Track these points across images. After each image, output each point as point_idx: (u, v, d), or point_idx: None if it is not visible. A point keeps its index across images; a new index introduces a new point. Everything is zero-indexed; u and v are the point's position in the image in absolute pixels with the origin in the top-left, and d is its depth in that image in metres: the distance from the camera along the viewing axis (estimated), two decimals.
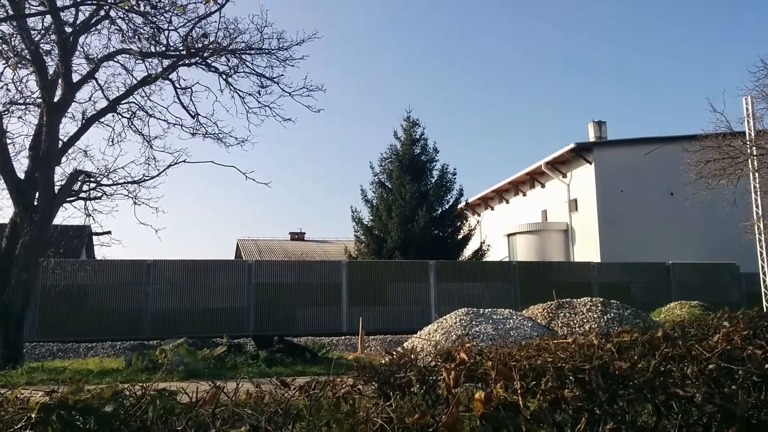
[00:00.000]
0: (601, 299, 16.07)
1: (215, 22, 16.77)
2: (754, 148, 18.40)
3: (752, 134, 18.69)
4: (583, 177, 30.32)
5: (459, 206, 29.40)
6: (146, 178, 15.06)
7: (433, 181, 28.97)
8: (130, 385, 2.58)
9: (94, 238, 17.03)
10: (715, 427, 2.96)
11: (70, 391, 2.32)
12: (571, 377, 3.00)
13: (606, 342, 3.35)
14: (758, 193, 18.87)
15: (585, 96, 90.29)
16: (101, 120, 14.69)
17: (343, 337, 18.18)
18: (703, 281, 24.46)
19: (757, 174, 18.62)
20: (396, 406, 2.80)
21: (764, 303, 18.71)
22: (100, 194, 14.90)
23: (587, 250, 29.25)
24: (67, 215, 39.47)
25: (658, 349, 3.21)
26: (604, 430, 2.82)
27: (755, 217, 19.08)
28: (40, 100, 13.58)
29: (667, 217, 28.02)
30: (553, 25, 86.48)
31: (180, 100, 14.96)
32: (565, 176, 31.72)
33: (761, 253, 19.10)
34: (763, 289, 19.10)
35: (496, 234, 34.42)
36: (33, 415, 2.21)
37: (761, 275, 19.27)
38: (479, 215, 40.29)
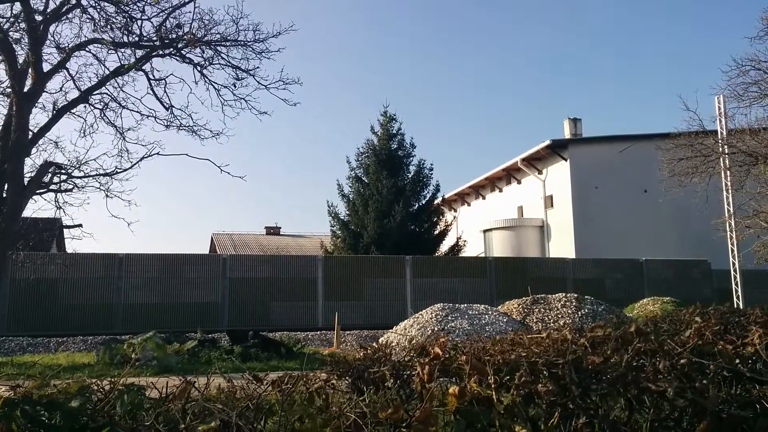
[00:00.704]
0: (576, 295, 16.25)
1: (189, 12, 16.52)
2: (725, 146, 18.72)
3: (724, 133, 19.02)
4: (559, 173, 30.59)
5: (435, 202, 29.46)
6: (119, 171, 14.83)
7: (409, 177, 28.98)
8: (97, 379, 2.53)
9: (65, 231, 16.70)
10: (686, 421, 2.98)
11: (35, 385, 2.26)
12: (544, 372, 3.01)
13: (580, 337, 3.37)
14: (729, 190, 19.21)
15: (561, 93, 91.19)
16: (72, 111, 14.41)
17: (318, 332, 18.12)
18: (675, 277, 24.85)
19: (728, 172, 18.95)
20: (369, 401, 2.78)
21: (735, 299, 19.07)
22: (71, 186, 14.63)
23: (562, 246, 29.54)
24: (37, 207, 38.69)
25: (631, 344, 3.24)
26: (577, 424, 2.83)
27: (726, 215, 19.43)
28: (10, 90, 13.28)
29: (640, 214, 28.42)
30: (530, 22, 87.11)
31: (154, 91, 14.75)
32: (540, 173, 31.97)
33: (732, 250, 19.46)
34: (733, 285, 19.47)
35: (473, 230, 34.58)
36: None
37: (732, 272, 19.64)
38: (456, 211, 40.43)
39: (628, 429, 2.93)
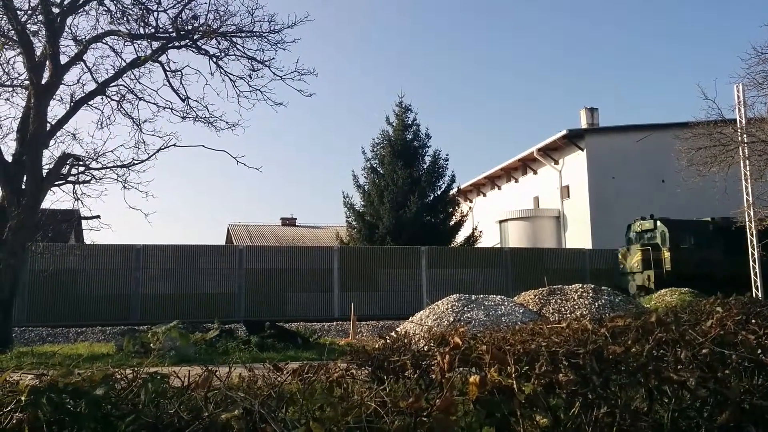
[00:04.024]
0: (593, 286, 16.15)
1: (205, 3, 16.54)
2: (744, 135, 18.46)
3: (743, 122, 18.74)
4: (575, 164, 30.37)
5: (451, 192, 29.41)
6: (136, 162, 14.90)
7: (425, 167, 28.94)
8: (121, 368, 2.56)
9: (83, 222, 16.87)
10: (708, 411, 2.96)
11: (60, 374, 2.29)
12: (564, 361, 2.99)
13: (600, 327, 3.35)
14: (749, 180, 18.95)
15: (577, 82, 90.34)
16: (90, 103, 14.50)
17: (334, 323, 18.19)
18: None
19: (747, 161, 18.69)
20: (390, 390, 2.79)
21: (754, 289, 18.88)
22: (88, 178, 14.73)
23: (579, 236, 29.37)
24: (56, 199, 39.10)
25: (652, 333, 3.21)
26: (597, 414, 2.82)
27: (746, 205, 19.18)
28: (28, 82, 13.39)
29: (658, 204, 28.07)
30: (547, 11, 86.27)
31: (170, 83, 14.80)
32: (557, 163, 31.76)
33: (751, 240, 19.23)
34: (752, 276, 19.26)
35: (488, 220, 34.49)
36: (23, 398, 2.18)
37: (751, 262, 19.42)
38: (471, 201, 40.32)
39: (649, 419, 2.91)
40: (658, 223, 22.93)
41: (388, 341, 3.81)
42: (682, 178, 19.73)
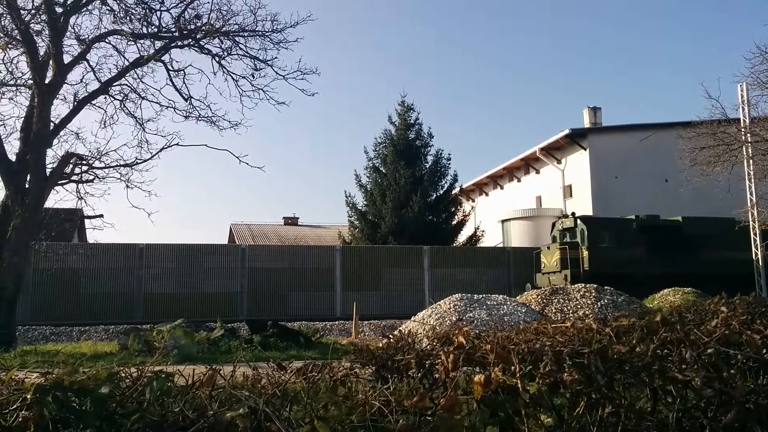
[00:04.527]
0: (595, 286, 16.15)
1: (208, 2, 16.58)
2: (748, 134, 18.45)
3: (747, 121, 18.74)
4: (578, 163, 30.33)
5: (453, 192, 29.40)
6: (139, 161, 14.93)
7: (427, 167, 28.93)
8: (126, 366, 2.56)
9: (87, 221, 16.89)
10: (713, 411, 2.95)
11: (65, 372, 2.29)
12: (569, 361, 2.99)
13: (604, 326, 3.34)
14: (752, 179, 18.94)
15: (580, 82, 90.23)
16: (93, 102, 14.53)
17: (336, 322, 18.20)
18: None
19: (751, 161, 18.68)
20: (394, 389, 2.79)
21: (758, 289, 18.86)
22: (92, 177, 14.76)
23: None
24: (59, 198, 39.09)
25: (657, 333, 3.20)
26: (602, 413, 2.82)
27: (749, 204, 19.17)
28: (31, 82, 13.42)
29: (661, 204, 28.03)
30: (550, 11, 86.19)
31: (173, 82, 14.82)
32: (559, 162, 31.72)
33: (755, 240, 19.21)
34: (756, 275, 19.24)
35: (491, 220, 34.45)
36: (28, 396, 2.18)
37: (755, 261, 19.40)
38: (474, 201, 40.29)
39: (654, 419, 2.91)
40: (578, 221, 22.33)
41: (391, 340, 3.81)
42: (685, 178, 19.71)
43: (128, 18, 13.84)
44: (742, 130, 18.59)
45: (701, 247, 22.23)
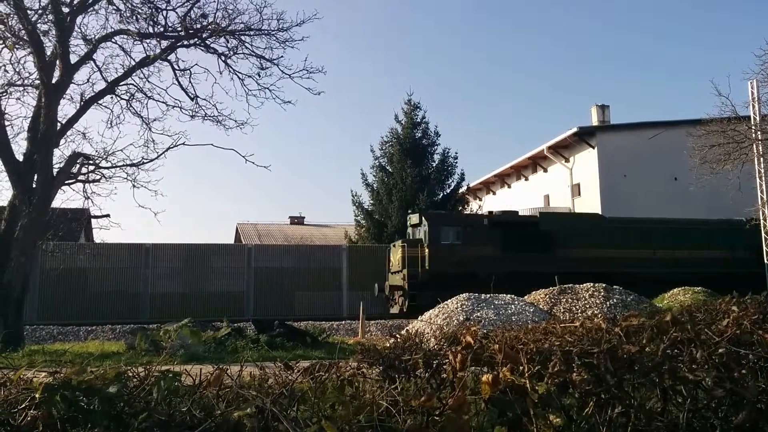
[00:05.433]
0: (604, 285, 16.05)
1: (214, 2, 16.60)
2: (759, 132, 18.33)
3: (757, 118, 18.60)
4: (586, 161, 30.23)
5: (460, 190, 29.37)
6: (145, 161, 14.97)
7: (434, 165, 28.91)
8: (133, 366, 2.56)
9: (93, 221, 16.97)
10: (723, 411, 2.93)
11: (73, 372, 2.29)
12: (578, 361, 2.97)
13: (614, 326, 3.31)
14: (763, 178, 18.82)
15: (588, 79, 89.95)
16: (100, 102, 14.58)
17: (343, 322, 18.21)
18: None
19: (762, 159, 18.56)
20: (402, 389, 2.78)
21: None
22: (98, 177, 14.82)
23: None
24: (66, 198, 39.28)
25: (667, 333, 3.17)
26: (611, 413, 2.80)
27: (760, 203, 19.04)
28: (38, 82, 13.47)
29: (671, 202, 27.88)
30: (558, 10, 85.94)
31: (179, 81, 14.84)
32: (567, 161, 31.63)
33: (765, 239, 19.09)
34: (767, 274, 19.11)
35: None
36: (37, 396, 2.19)
37: (766, 260, 19.28)
38: (481, 200, 40.20)
39: (664, 419, 2.88)
40: (423, 217, 21.07)
41: (399, 340, 3.80)
42: (695, 176, 19.59)
43: (134, 17, 13.89)
44: (753, 127, 18.47)
45: (560, 245, 21.04)
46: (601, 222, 22.65)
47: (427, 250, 20.19)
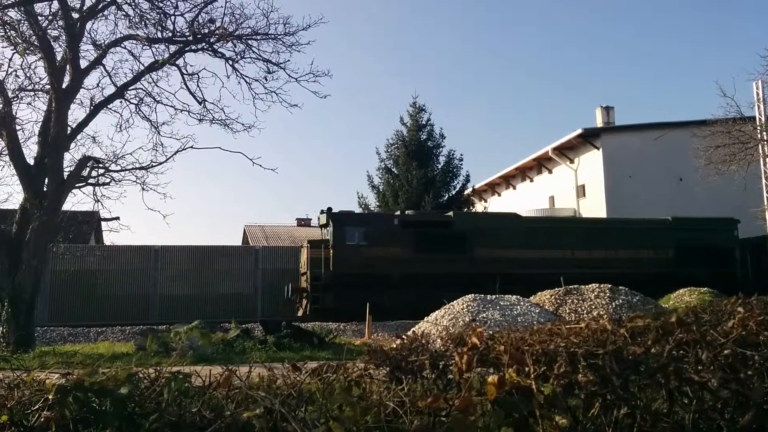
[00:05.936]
0: (609, 286, 16.00)
1: (221, 7, 16.77)
2: (764, 133, 18.26)
3: (762, 119, 18.54)
4: (591, 163, 30.17)
5: (466, 192, 29.39)
6: (154, 164, 15.06)
7: (439, 167, 28.94)
8: (144, 367, 2.60)
9: (103, 223, 17.10)
10: (729, 413, 2.94)
11: (85, 373, 2.33)
12: (584, 362, 2.98)
13: (619, 327, 3.33)
14: None
15: (593, 81, 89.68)
16: (109, 106, 14.69)
17: (350, 323, 18.21)
18: None
19: (767, 159, 18.48)
20: (408, 390, 2.80)
21: None
22: (108, 180, 14.93)
23: None
24: (76, 201, 39.69)
25: (672, 334, 3.18)
26: (617, 414, 2.81)
27: (765, 203, 18.97)
28: (49, 87, 13.59)
29: (676, 203, 27.80)
30: (563, 10, 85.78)
31: (187, 86, 14.93)
32: (572, 162, 31.57)
33: None
34: None
35: None
36: (50, 397, 2.23)
37: None
38: (486, 201, 40.13)
39: (670, 420, 2.90)
40: (329, 217, 20.40)
41: (405, 341, 3.82)
42: (700, 177, 19.54)
43: (143, 23, 13.99)
44: (758, 128, 18.41)
45: (475, 246, 20.29)
46: (518, 222, 21.96)
47: (331, 251, 19.60)
